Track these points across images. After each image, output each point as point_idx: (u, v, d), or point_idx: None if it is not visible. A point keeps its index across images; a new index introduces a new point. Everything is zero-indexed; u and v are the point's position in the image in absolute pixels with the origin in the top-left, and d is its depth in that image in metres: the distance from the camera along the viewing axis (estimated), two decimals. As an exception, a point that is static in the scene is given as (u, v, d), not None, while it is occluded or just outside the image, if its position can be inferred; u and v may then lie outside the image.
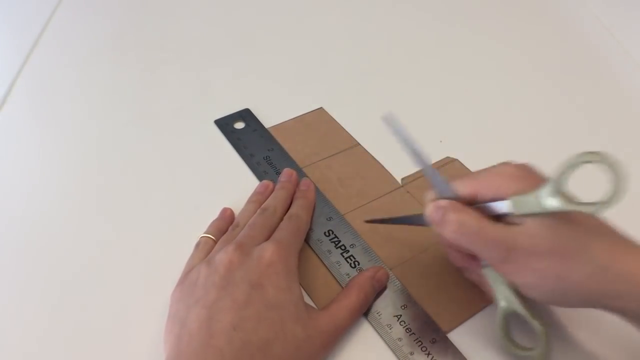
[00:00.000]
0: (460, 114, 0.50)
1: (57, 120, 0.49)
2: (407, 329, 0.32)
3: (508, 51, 0.59)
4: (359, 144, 0.46)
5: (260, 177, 0.43)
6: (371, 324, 0.33)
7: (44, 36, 0.60)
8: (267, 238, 0.34)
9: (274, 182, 0.41)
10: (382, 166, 0.44)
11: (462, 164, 0.44)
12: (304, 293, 0.34)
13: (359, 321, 0.33)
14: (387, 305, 0.34)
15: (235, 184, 0.42)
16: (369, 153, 0.45)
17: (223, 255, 0.32)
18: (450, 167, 0.44)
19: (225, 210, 0.39)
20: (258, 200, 0.39)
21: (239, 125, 0.48)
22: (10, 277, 0.36)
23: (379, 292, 0.35)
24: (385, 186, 0.42)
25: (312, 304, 0.34)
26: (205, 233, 0.37)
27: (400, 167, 0.43)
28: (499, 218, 0.29)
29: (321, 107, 0.50)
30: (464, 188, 0.30)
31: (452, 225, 0.29)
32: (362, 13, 0.65)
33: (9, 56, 0.57)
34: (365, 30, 0.62)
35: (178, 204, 0.41)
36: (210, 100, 0.51)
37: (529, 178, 0.29)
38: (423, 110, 0.50)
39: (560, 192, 0.26)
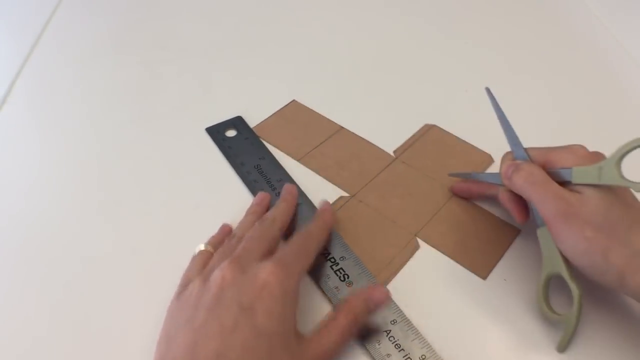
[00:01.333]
0: (460, 110, 0.50)
1: (57, 120, 0.49)
2: (396, 344, 0.32)
3: (508, 51, 0.59)
4: (343, 127, 0.48)
5: (250, 186, 0.42)
6: (361, 340, 0.33)
7: (44, 36, 0.60)
8: (266, 251, 0.33)
9: (266, 191, 0.41)
10: (372, 143, 0.46)
11: (440, 128, 0.48)
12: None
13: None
14: (376, 321, 0.33)
15: (226, 193, 0.42)
16: (354, 134, 0.47)
17: (217, 272, 0.30)
18: (431, 132, 0.47)
19: (224, 226, 0.38)
20: (256, 211, 0.38)
21: (231, 133, 0.47)
22: (10, 278, 0.36)
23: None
24: (381, 161, 0.45)
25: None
26: (203, 243, 0.36)
27: (386, 141, 0.46)
28: (562, 185, 0.32)
29: (294, 100, 0.51)
30: (537, 155, 0.34)
31: (523, 173, 0.33)
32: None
33: (9, 56, 0.57)
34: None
35: (172, 209, 0.41)
36: (204, 105, 0.50)
37: (596, 159, 0.32)
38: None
39: (617, 170, 0.30)
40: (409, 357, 0.31)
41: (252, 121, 0.48)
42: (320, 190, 0.42)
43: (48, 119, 0.50)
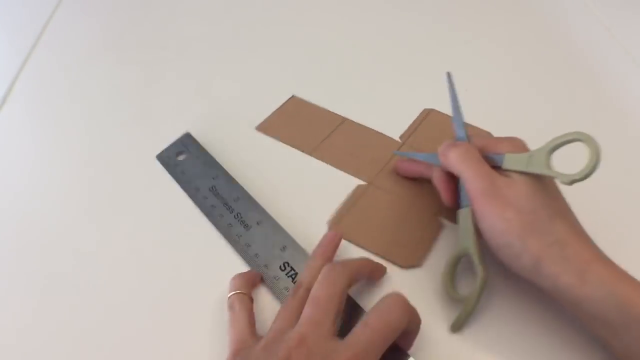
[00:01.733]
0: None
1: (57, 120, 0.49)
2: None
3: (507, 51, 0.59)
4: (346, 118, 0.48)
5: (208, 213, 0.40)
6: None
7: (43, 36, 0.60)
8: (336, 315, 0.28)
9: (224, 214, 0.39)
10: (377, 131, 0.47)
11: (438, 111, 0.49)
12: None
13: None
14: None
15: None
16: (359, 124, 0.48)
17: (283, 345, 0.27)
18: (431, 116, 0.49)
19: (244, 274, 0.35)
20: (324, 254, 0.33)
21: (181, 157, 0.44)
22: (10, 278, 0.36)
23: None
24: (389, 147, 0.46)
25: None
26: (234, 290, 0.33)
27: (390, 127, 0.47)
28: (494, 169, 0.34)
29: (293, 95, 0.51)
30: (477, 139, 0.36)
31: (459, 150, 0.34)
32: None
33: (9, 56, 0.57)
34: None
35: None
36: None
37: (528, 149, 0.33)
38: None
39: (546, 159, 0.31)
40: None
41: (252, 120, 0.48)
42: (334, 182, 0.42)
43: (47, 119, 0.50)
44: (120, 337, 0.33)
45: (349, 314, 0.31)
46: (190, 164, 0.43)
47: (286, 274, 0.35)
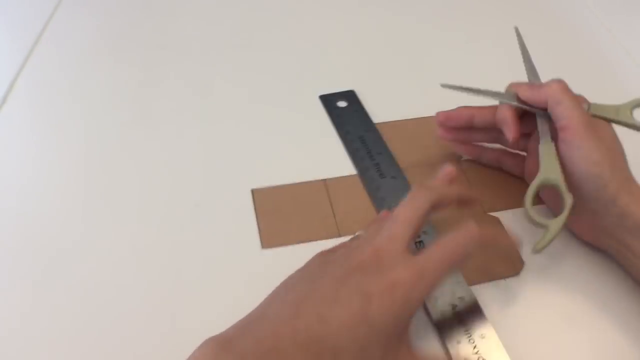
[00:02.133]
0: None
1: (57, 120, 0.49)
2: (460, 319, 0.33)
3: (507, 51, 0.58)
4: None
5: (352, 152, 0.45)
6: (426, 306, 0.34)
7: (44, 36, 0.60)
8: (413, 236, 0.30)
9: (365, 160, 0.44)
10: None
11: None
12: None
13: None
14: (444, 294, 0.35)
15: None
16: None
17: (357, 254, 0.29)
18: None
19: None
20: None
21: (342, 103, 0.50)
22: (9, 277, 0.36)
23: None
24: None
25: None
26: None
27: None
28: None
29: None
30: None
31: (561, 83, 0.38)
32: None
33: (9, 55, 0.57)
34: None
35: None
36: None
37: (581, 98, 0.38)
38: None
39: (631, 113, 0.37)
40: (469, 333, 0.33)
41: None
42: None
43: (48, 119, 0.50)
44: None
45: None
46: (347, 113, 0.49)
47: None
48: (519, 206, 0.40)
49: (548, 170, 0.36)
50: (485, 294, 0.35)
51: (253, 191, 0.42)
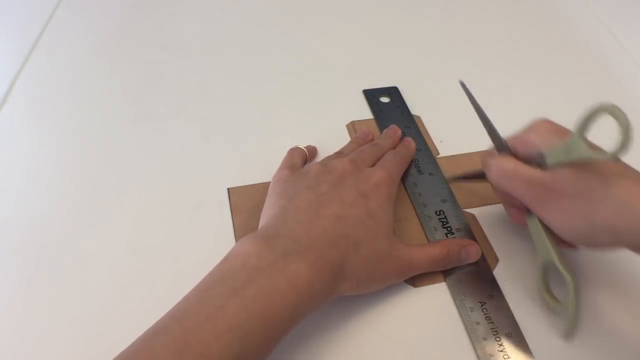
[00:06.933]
0: (460, 111, 0.50)
1: (57, 120, 0.49)
2: (487, 316, 0.34)
3: (507, 51, 0.59)
4: None
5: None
6: (454, 301, 0.35)
7: (43, 36, 0.60)
8: (374, 163, 0.39)
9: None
10: None
11: (360, 120, 0.49)
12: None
13: (444, 298, 0.35)
14: (474, 292, 0.35)
15: None
16: None
17: (338, 163, 0.36)
18: (359, 126, 0.48)
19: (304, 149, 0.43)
20: (357, 141, 0.43)
21: (385, 99, 0.51)
22: (9, 278, 0.36)
23: (466, 272, 0.36)
24: None
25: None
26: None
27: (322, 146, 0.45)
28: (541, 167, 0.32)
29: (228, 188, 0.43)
30: (510, 141, 0.34)
31: (493, 168, 0.34)
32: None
33: (9, 56, 0.57)
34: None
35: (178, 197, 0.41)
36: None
37: (559, 132, 0.32)
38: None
39: (581, 143, 0.29)
40: (495, 330, 0.33)
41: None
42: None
43: (48, 118, 0.50)
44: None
45: None
46: (389, 108, 0.51)
47: (439, 218, 0.40)
48: (494, 202, 0.41)
49: (542, 251, 0.33)
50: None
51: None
